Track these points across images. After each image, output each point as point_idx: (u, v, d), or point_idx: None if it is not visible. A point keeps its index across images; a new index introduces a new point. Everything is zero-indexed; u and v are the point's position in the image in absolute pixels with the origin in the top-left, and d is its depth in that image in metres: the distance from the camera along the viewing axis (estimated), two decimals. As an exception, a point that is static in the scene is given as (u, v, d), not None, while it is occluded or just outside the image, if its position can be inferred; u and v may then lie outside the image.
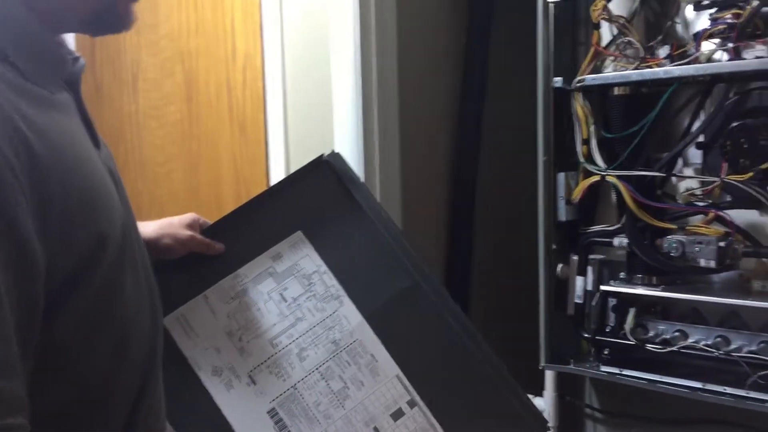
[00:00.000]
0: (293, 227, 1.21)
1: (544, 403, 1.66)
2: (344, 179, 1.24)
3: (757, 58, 1.28)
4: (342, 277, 1.17)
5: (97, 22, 0.79)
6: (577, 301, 1.57)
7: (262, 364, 1.12)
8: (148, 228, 1.08)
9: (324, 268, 1.18)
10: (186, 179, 1.94)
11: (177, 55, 1.93)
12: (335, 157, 1.27)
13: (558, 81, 1.55)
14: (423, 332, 1.16)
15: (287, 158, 1.75)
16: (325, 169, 1.25)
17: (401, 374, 1.12)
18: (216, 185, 1.87)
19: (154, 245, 1.08)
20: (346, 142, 1.61)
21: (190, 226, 1.15)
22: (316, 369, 1.12)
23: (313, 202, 1.24)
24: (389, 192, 1.66)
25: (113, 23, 0.81)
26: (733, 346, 1.36)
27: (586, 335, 1.55)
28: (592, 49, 1.49)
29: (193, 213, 1.18)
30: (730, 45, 1.31)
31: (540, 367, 1.61)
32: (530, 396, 1.63)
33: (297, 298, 1.16)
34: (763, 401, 1.30)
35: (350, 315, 1.15)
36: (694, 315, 1.46)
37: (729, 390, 1.36)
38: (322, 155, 1.27)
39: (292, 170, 1.72)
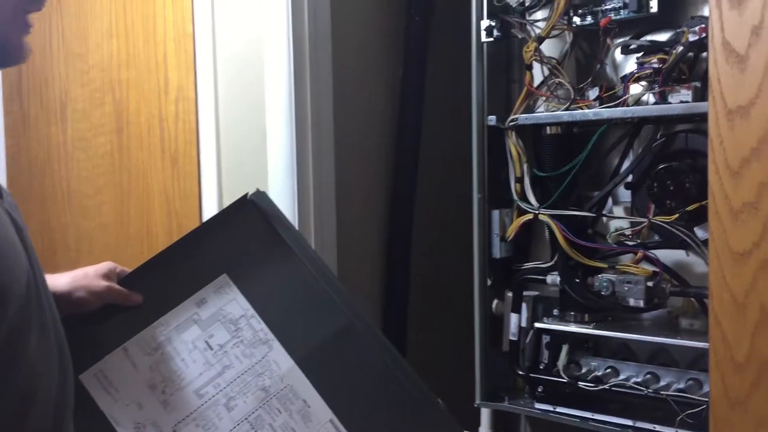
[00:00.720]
0: (218, 270, 1.17)
1: (480, 440, 1.65)
2: (270, 218, 1.21)
3: (682, 102, 1.32)
4: (271, 320, 1.14)
5: None
6: (512, 338, 1.58)
7: (187, 417, 1.08)
8: (60, 281, 1.04)
9: (251, 311, 1.15)
10: (116, 212, 1.88)
11: (107, 85, 1.88)
12: (260, 195, 1.24)
13: (492, 119, 1.56)
14: (357, 374, 1.13)
15: (220, 192, 1.71)
16: (250, 209, 1.22)
17: (335, 419, 1.09)
18: (147, 219, 1.82)
19: (66, 299, 1.03)
20: (280, 177, 1.58)
21: (106, 276, 1.11)
22: (245, 419, 1.08)
23: (239, 243, 1.21)
24: (324, 230, 1.64)
25: (5, 58, 0.83)
26: (662, 383, 1.38)
27: (520, 372, 1.55)
28: (524, 89, 1.51)
29: (109, 262, 1.14)
30: (657, 88, 1.34)
31: (475, 405, 1.60)
32: (466, 433, 1.64)
33: (223, 345, 1.12)
34: (691, 439, 1.32)
35: (280, 360, 1.12)
36: (626, 351, 1.48)
37: (658, 428, 1.38)
38: (246, 194, 1.24)
39: (226, 204, 1.69)
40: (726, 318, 1.07)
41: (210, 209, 1.71)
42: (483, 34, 1.53)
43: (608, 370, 1.45)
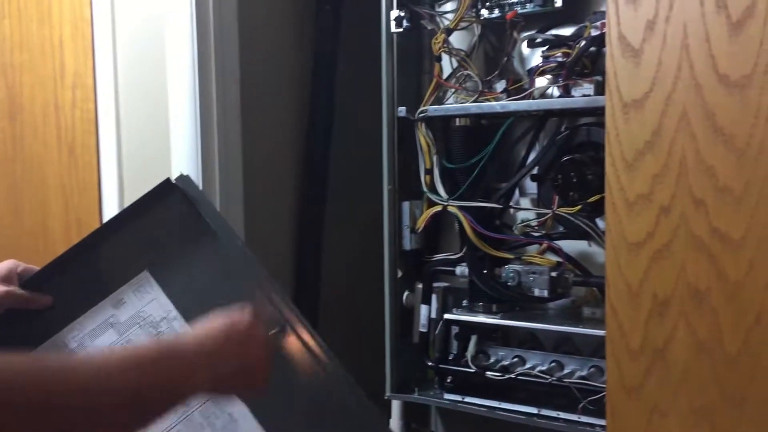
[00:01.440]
0: (138, 266, 1.05)
1: (391, 431, 1.65)
2: (197, 206, 1.08)
3: (584, 96, 1.34)
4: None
5: None
6: (422, 329, 1.58)
7: None
8: None
9: (174, 313, 1.04)
10: (7, 205, 1.77)
11: (-2, 68, 1.78)
12: (184, 180, 1.11)
13: (402, 110, 1.55)
14: (291, 382, 1.01)
15: (121, 184, 1.64)
16: (175, 195, 1.09)
17: None
18: (42, 212, 1.72)
19: None
20: (185, 167, 1.53)
21: (7, 278, 1.01)
22: None
23: (161, 234, 1.08)
24: (231, 222, 1.59)
25: None
26: (566, 371, 1.41)
27: (430, 363, 1.56)
28: (433, 81, 1.51)
29: (10, 260, 1.03)
30: (561, 82, 1.37)
31: (385, 397, 1.60)
32: (377, 425, 1.63)
33: None
34: (594, 426, 1.35)
35: None
36: (532, 340, 1.50)
37: (562, 415, 1.41)
38: (168, 179, 1.11)
39: (128, 197, 1.63)
40: (621, 307, 1.10)
41: (110, 202, 1.64)
42: (392, 24, 1.53)
43: (515, 360, 1.47)
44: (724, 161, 1.00)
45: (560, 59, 1.38)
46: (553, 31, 1.45)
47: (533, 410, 1.44)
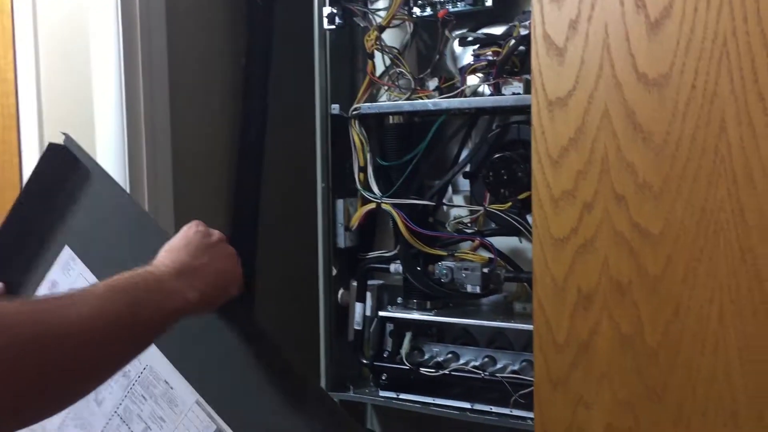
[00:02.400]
0: (59, 243, 1.01)
1: (327, 430, 1.64)
2: (90, 167, 1.04)
3: (514, 94, 1.36)
4: None
5: None
6: (357, 327, 1.58)
7: (65, 416, 0.97)
8: None
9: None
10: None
11: None
12: (71, 141, 1.06)
13: (335, 108, 1.55)
14: (220, 347, 0.97)
15: (44, 183, 1.58)
16: (67, 159, 1.04)
17: (201, 399, 0.96)
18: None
19: None
20: (110, 166, 1.49)
21: None
22: (115, 412, 0.98)
23: (68, 204, 1.03)
24: (160, 222, 1.56)
25: None
26: (499, 366, 1.43)
27: (364, 361, 1.56)
28: (367, 78, 1.51)
29: None
30: (492, 80, 1.38)
31: (321, 396, 1.59)
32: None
33: None
34: (525, 419, 1.38)
35: None
36: (467, 336, 1.52)
37: (495, 409, 1.43)
38: (51, 143, 1.05)
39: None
40: (548, 301, 1.11)
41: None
42: (325, 21, 1.52)
43: (449, 356, 1.48)
44: (644, 158, 1.02)
45: (491, 58, 1.39)
46: (484, 30, 1.46)
47: (467, 405, 1.46)
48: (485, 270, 1.42)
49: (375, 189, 1.52)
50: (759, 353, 0.96)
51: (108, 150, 1.50)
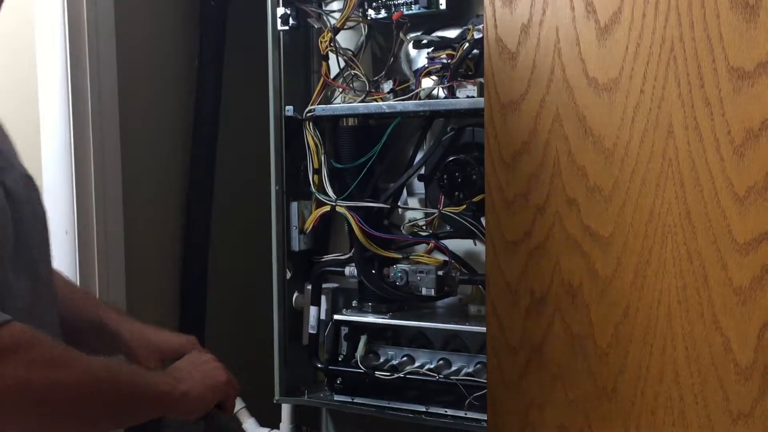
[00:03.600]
0: None
1: (282, 435, 1.63)
2: None
3: (468, 97, 1.37)
4: None
5: None
6: (311, 331, 1.57)
7: None
8: None
9: None
10: None
11: None
12: None
13: (290, 109, 1.54)
14: None
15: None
16: None
17: None
18: None
19: None
20: (56, 170, 1.45)
21: None
22: None
23: None
24: (108, 229, 1.52)
25: None
26: (453, 368, 1.43)
27: (319, 365, 1.55)
28: (321, 80, 1.50)
29: None
30: (446, 83, 1.38)
31: (275, 401, 1.58)
32: (268, 429, 1.61)
33: None
34: (479, 421, 1.38)
35: None
36: (422, 338, 1.52)
37: (450, 412, 1.43)
38: None
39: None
40: (501, 304, 1.12)
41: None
42: (278, 21, 1.50)
43: (404, 359, 1.48)
44: (594, 162, 1.03)
45: (445, 61, 1.40)
46: (439, 33, 1.46)
47: (422, 408, 1.45)
48: (440, 273, 1.42)
49: (329, 191, 1.51)
50: (705, 353, 0.98)
51: (54, 155, 1.45)
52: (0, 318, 0.74)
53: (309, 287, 1.58)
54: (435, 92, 1.42)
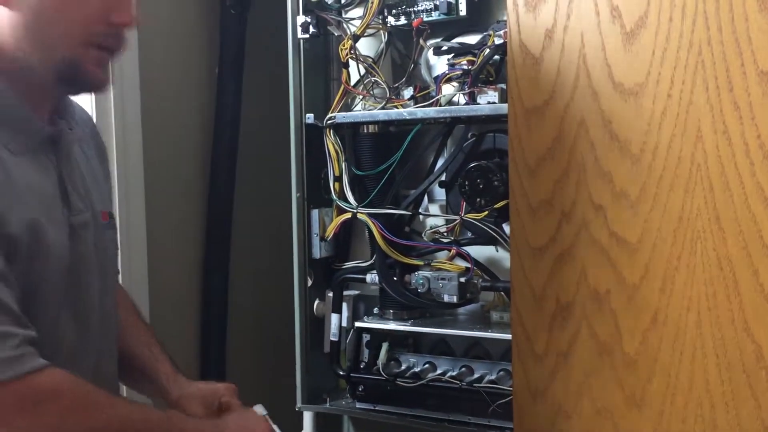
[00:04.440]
0: None
1: (304, 443, 1.62)
2: None
3: (489, 103, 1.36)
4: None
5: (65, 82, 0.88)
6: (333, 338, 1.56)
7: None
8: None
9: None
10: None
11: None
12: None
13: (310, 117, 1.54)
14: None
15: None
16: None
17: None
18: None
19: None
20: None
21: None
22: None
23: None
24: (132, 235, 1.53)
25: (82, 82, 0.89)
26: (476, 376, 1.42)
27: (341, 373, 1.54)
28: (341, 88, 1.50)
29: None
30: (466, 89, 1.38)
31: (297, 408, 1.57)
32: (289, 437, 1.60)
33: None
34: (503, 428, 1.37)
35: None
36: (444, 346, 1.51)
37: (472, 419, 1.42)
38: None
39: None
40: (526, 311, 1.11)
41: None
42: (299, 30, 1.51)
43: (426, 366, 1.47)
44: (620, 167, 1.02)
45: (465, 67, 1.39)
46: (459, 39, 1.46)
47: (444, 416, 1.44)
48: (462, 279, 1.41)
49: (350, 198, 1.51)
50: (737, 361, 0.97)
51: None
52: (38, 364, 0.76)
53: (330, 294, 1.58)
54: (455, 98, 1.41)
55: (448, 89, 1.42)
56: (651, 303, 1.01)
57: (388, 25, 1.47)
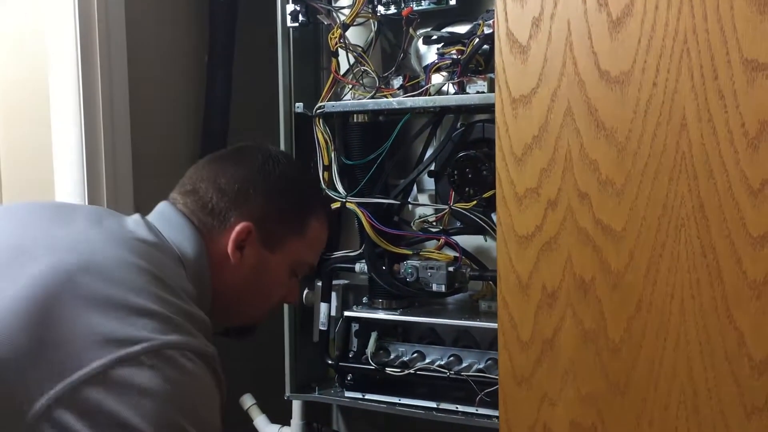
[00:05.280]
0: None
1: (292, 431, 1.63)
2: None
3: (478, 92, 1.36)
4: None
5: (237, 332, 1.20)
6: (322, 327, 1.57)
7: None
8: None
9: None
10: None
11: None
12: None
13: (299, 106, 1.54)
14: None
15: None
16: None
17: None
18: None
19: None
20: (68, 166, 1.45)
21: None
22: None
23: None
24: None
25: (245, 334, 1.22)
26: (464, 365, 1.43)
27: (330, 362, 1.55)
28: (331, 77, 1.50)
29: None
30: (456, 79, 1.38)
31: (285, 397, 1.58)
32: (279, 426, 1.61)
33: None
34: (490, 417, 1.38)
35: None
36: (432, 335, 1.51)
37: (461, 408, 1.43)
38: None
39: (5, 199, 1.53)
40: (512, 299, 1.11)
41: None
42: (288, 18, 1.50)
43: (415, 355, 1.48)
44: (606, 155, 1.03)
45: (455, 56, 1.39)
46: (448, 29, 1.46)
47: (433, 404, 1.45)
48: (450, 269, 1.42)
49: (340, 188, 1.51)
50: (719, 348, 0.98)
51: (65, 149, 1.46)
52: None
53: (319, 284, 1.58)
54: (445, 88, 1.41)
55: (437, 79, 1.42)
56: (636, 290, 1.02)
57: (378, 14, 1.47)
